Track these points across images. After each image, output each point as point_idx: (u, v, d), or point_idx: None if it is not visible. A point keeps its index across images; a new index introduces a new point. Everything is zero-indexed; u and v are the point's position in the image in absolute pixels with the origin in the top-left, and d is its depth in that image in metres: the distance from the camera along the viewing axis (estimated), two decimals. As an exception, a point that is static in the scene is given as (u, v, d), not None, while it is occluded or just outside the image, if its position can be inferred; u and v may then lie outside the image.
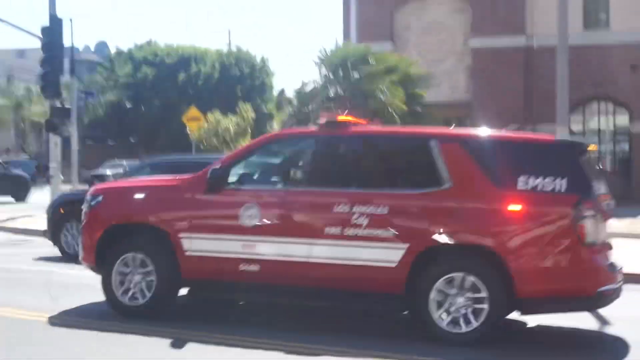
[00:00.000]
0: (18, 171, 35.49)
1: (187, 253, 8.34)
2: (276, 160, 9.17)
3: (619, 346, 7.82)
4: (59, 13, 24.68)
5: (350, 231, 7.82)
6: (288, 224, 8.05)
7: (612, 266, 7.81)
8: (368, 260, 7.76)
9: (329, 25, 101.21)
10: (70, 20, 27.65)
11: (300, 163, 8.51)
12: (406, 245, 7.64)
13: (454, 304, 7.54)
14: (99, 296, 8.86)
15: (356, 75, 24.19)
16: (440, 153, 7.80)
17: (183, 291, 8.83)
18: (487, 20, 30.79)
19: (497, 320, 7.52)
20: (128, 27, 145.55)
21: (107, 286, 8.59)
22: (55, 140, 25.70)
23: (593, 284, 7.44)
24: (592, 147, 8.42)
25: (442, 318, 7.57)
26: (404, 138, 8.59)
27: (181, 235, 8.36)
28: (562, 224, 7.41)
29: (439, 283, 7.57)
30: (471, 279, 7.50)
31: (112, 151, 63.30)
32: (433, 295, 7.57)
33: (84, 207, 8.97)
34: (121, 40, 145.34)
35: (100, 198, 8.87)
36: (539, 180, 7.48)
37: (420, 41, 31.91)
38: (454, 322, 7.54)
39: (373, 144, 8.45)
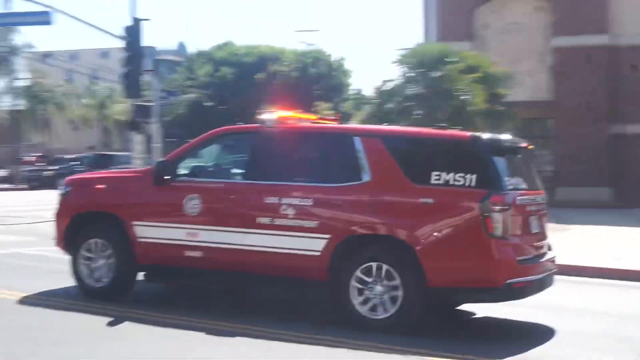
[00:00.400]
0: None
1: (139, 240, 9.09)
2: (229, 155, 9.64)
3: (546, 333, 8.23)
4: (140, 14, 25.16)
5: (279, 221, 8.34)
6: (225, 214, 8.65)
7: (533, 259, 8.14)
8: (295, 249, 8.27)
9: (407, 24, 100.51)
10: (151, 21, 27.97)
11: (241, 157, 9.08)
12: (328, 236, 8.14)
13: (373, 292, 8.00)
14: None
15: (436, 74, 23.84)
16: (363, 149, 8.27)
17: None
18: (569, 19, 29.97)
19: (413, 308, 7.89)
20: (205, 28, 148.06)
21: (74, 269, 9.45)
22: (137, 138, 26.19)
23: (501, 276, 7.70)
24: (525, 145, 8.79)
25: (361, 304, 8.01)
26: (330, 134, 8.94)
27: (133, 222, 9.12)
28: (470, 217, 7.72)
29: (358, 271, 8.04)
30: (386, 267, 7.95)
31: (191, 149, 64.33)
32: (353, 282, 8.04)
33: (58, 197, 9.88)
34: (198, 41, 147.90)
35: (69, 188, 9.80)
36: (450, 175, 7.84)
37: (500, 41, 31.31)
38: (373, 308, 7.98)
39: (303, 140, 8.86)
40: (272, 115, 8.99)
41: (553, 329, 8.49)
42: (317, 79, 55.08)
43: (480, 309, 9.11)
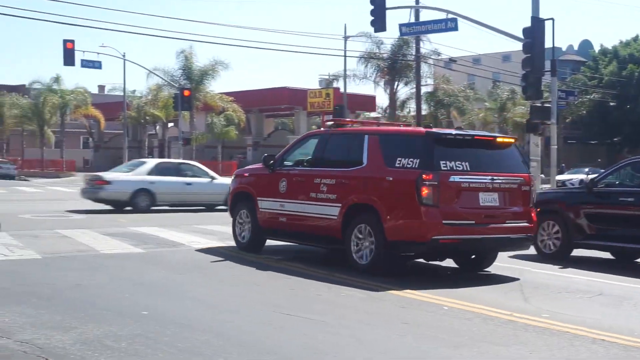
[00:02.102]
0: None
1: (260, 209, 13.27)
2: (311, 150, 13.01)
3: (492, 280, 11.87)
4: (542, 14, 24.72)
5: (320, 195, 12.05)
6: (296, 191, 12.56)
7: (473, 224, 10.81)
8: (326, 214, 11.88)
9: None
10: (553, 20, 27.33)
11: (312, 152, 12.82)
12: (340, 205, 11.65)
13: (362, 245, 11.30)
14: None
15: None
16: (366, 143, 11.71)
17: None
18: None
19: (379, 257, 10.99)
20: (613, 23, 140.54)
21: (233, 230, 13.99)
22: (535, 140, 25.84)
23: (428, 233, 10.51)
24: (457, 128, 12.39)
25: (356, 254, 11.38)
26: (353, 134, 12.43)
27: (258, 198, 13.36)
28: (409, 190, 10.68)
29: (356, 230, 11.36)
30: (368, 228, 11.19)
31: (593, 150, 61.63)
32: (353, 238, 11.41)
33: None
34: (606, 38, 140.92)
35: (234, 177, 14.50)
36: (406, 160, 10.94)
37: None
38: (361, 257, 11.31)
39: (340, 139, 12.49)
40: (330, 122, 13.63)
41: (511, 278, 11.48)
42: None
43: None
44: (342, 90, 52.95)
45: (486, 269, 12.09)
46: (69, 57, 41.10)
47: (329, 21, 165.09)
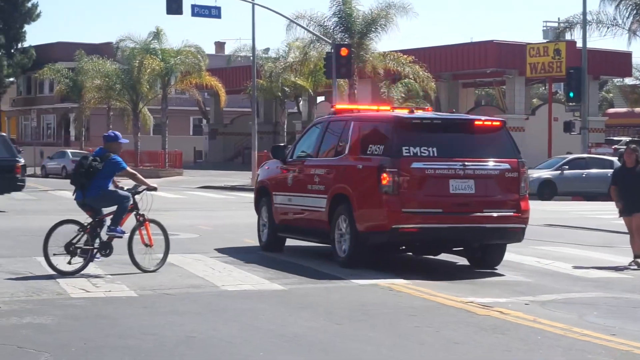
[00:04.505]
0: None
1: (274, 205, 17.63)
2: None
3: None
4: None
5: (312, 187, 16.49)
6: (298, 184, 17.09)
7: (439, 212, 14.79)
8: (316, 207, 16.29)
9: None
10: None
11: (313, 142, 17.37)
12: (325, 196, 15.90)
13: (344, 235, 15.40)
14: None
15: None
16: (351, 130, 15.89)
17: None
18: None
19: (354, 249, 15.20)
20: None
21: (257, 229, 18.52)
22: None
23: (388, 222, 14.67)
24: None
25: (337, 245, 15.62)
26: (341, 121, 16.58)
27: (273, 192, 17.85)
28: (372, 178, 14.84)
29: (338, 221, 15.51)
30: (347, 219, 15.23)
31: None
32: (336, 230, 15.55)
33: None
34: None
35: (259, 171, 19.92)
36: (374, 147, 15.11)
37: None
38: (341, 249, 15.54)
39: (334, 127, 16.73)
40: (331, 108, 18.09)
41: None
42: None
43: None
44: (579, 44, 51.79)
45: (496, 268, 15.76)
46: (174, 1, 42.21)
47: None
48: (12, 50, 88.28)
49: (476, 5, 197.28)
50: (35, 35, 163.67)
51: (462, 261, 16.52)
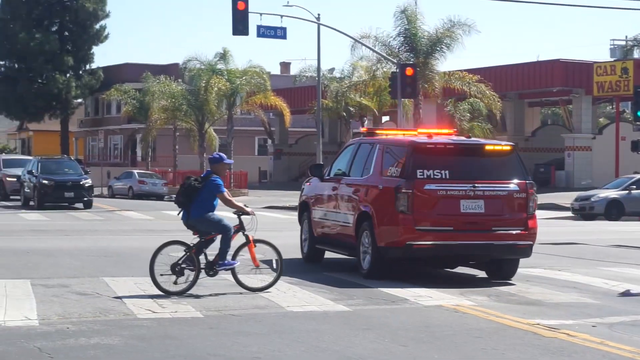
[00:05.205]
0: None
1: (313, 219, 19.80)
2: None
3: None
4: None
5: (344, 204, 18.48)
6: (329, 200, 19.31)
7: (450, 231, 16.49)
8: (346, 222, 18.10)
9: None
10: None
11: (347, 161, 19.35)
12: (353, 213, 17.79)
13: (367, 249, 17.10)
14: None
15: None
16: (376, 152, 17.78)
17: None
18: None
19: (374, 262, 16.86)
20: None
21: (301, 239, 20.60)
22: None
23: (402, 238, 16.41)
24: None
25: (362, 259, 17.32)
26: (369, 143, 18.49)
27: (312, 207, 20.06)
28: (389, 198, 16.59)
29: (362, 237, 17.22)
30: (369, 234, 16.97)
31: None
32: (361, 246, 17.30)
33: None
34: None
35: (303, 187, 21.54)
36: (393, 169, 17.06)
37: None
38: (364, 261, 17.26)
39: (364, 148, 18.62)
40: (361, 130, 21.56)
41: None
42: None
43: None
44: (647, 62, 51.26)
45: (511, 280, 17.10)
46: (240, 23, 42.34)
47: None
48: (81, 72, 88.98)
49: (541, 22, 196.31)
50: (103, 56, 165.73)
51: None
